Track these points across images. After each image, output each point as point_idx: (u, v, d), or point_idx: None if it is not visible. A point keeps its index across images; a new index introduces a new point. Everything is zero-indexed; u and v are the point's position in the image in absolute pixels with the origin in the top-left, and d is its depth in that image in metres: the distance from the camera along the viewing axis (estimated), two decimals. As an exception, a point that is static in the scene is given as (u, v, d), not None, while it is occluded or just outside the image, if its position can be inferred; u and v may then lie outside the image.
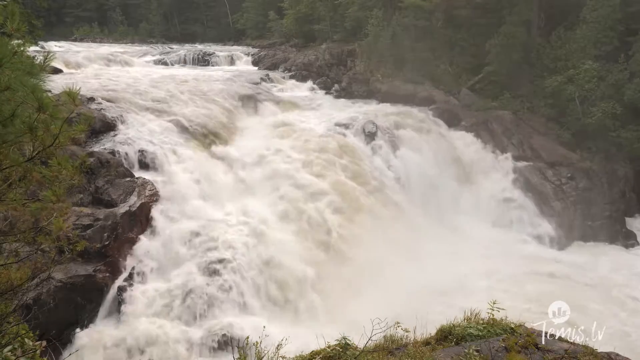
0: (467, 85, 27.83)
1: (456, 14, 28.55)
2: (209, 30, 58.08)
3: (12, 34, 3.58)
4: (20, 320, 4.69)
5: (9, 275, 4.47)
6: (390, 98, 27.60)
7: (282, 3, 43.15)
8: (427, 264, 16.31)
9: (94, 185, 14.11)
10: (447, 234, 18.66)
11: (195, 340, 11.97)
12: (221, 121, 20.35)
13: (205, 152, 17.67)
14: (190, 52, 38.44)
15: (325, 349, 6.06)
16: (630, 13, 24.54)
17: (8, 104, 3.35)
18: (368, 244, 16.68)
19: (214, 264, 13.52)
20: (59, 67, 26.81)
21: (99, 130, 16.47)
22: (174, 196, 15.17)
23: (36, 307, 8.75)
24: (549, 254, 19.75)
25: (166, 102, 20.32)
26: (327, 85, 31.22)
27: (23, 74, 3.50)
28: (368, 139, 21.82)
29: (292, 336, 6.77)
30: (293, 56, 35.46)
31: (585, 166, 22.81)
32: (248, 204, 16.15)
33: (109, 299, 12.42)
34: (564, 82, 23.62)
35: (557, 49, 25.78)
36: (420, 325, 6.75)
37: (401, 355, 6.05)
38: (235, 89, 24.36)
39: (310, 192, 17.42)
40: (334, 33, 36.05)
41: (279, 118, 22.90)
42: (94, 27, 59.98)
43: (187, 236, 14.09)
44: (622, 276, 18.13)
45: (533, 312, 11.67)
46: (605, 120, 22.53)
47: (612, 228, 21.60)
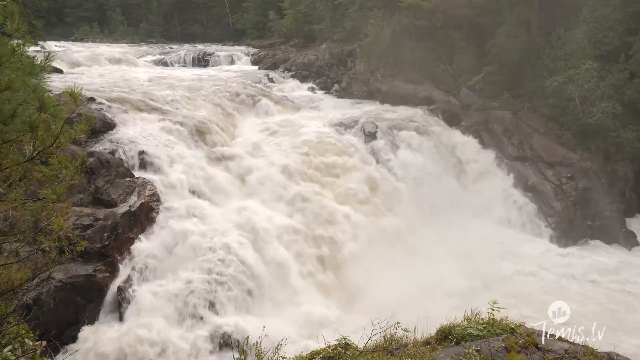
0: (467, 85, 27.81)
1: (456, 14, 28.51)
2: (209, 30, 58.06)
3: (12, 34, 3.58)
4: (20, 320, 4.69)
5: (9, 275, 4.47)
6: (390, 98, 27.60)
7: (282, 3, 43.13)
8: (427, 264, 16.32)
9: (94, 185, 14.10)
10: (446, 233, 18.63)
11: (195, 340, 11.96)
12: (221, 121, 20.35)
13: (205, 152, 17.66)
14: (190, 52, 38.45)
15: (326, 349, 6.06)
16: (630, 13, 24.52)
17: (9, 103, 3.35)
18: (367, 243, 16.70)
19: (214, 264, 13.51)
20: (59, 67, 26.80)
21: (99, 130, 16.46)
22: (173, 196, 15.17)
23: (36, 307, 8.76)
24: (549, 253, 19.73)
25: (166, 102, 20.33)
26: (327, 85, 31.22)
27: (24, 74, 3.51)
28: (368, 139, 21.82)
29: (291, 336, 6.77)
30: (293, 56, 35.46)
31: (585, 166, 22.80)
32: (248, 204, 16.14)
33: (109, 299, 12.41)
34: (564, 82, 23.60)
35: (557, 49, 25.76)
36: (420, 325, 6.76)
37: (401, 355, 6.05)
38: (235, 89, 24.36)
39: (310, 192, 17.44)
40: (334, 33, 36.03)
41: (279, 118, 22.91)
42: (94, 27, 59.98)
43: (187, 236, 14.08)
44: (622, 276, 18.12)
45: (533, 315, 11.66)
46: (605, 120, 22.52)
47: (612, 228, 21.58)
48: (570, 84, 23.34)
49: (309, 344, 9.03)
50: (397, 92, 28.00)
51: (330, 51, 33.57)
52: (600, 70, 23.30)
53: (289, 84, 30.72)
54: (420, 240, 17.80)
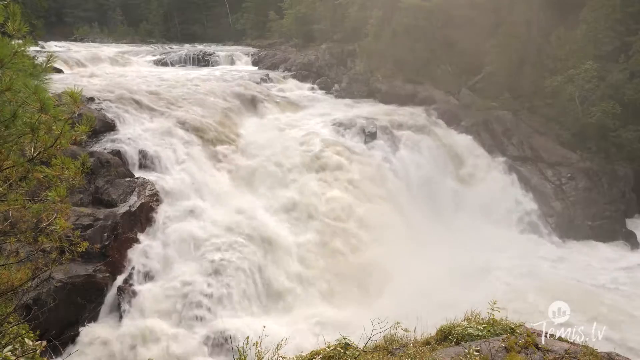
0: (467, 85, 27.82)
1: (456, 14, 28.52)
2: (209, 30, 58.05)
3: (13, 35, 3.58)
4: (20, 320, 4.70)
5: (9, 275, 4.48)
6: (390, 98, 27.61)
7: (282, 3, 43.14)
8: (427, 264, 16.29)
9: (94, 186, 14.12)
10: (446, 233, 18.63)
11: (195, 340, 11.97)
12: (221, 121, 20.34)
13: (205, 152, 17.66)
14: (190, 52, 38.46)
15: (326, 349, 6.06)
16: (630, 13, 24.54)
17: (9, 104, 3.35)
18: (367, 243, 16.69)
19: (214, 264, 13.52)
20: (60, 67, 26.80)
21: (99, 130, 16.47)
22: (174, 196, 15.17)
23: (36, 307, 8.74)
24: (549, 253, 19.73)
25: (166, 102, 20.32)
26: (327, 85, 31.23)
27: (25, 75, 3.51)
28: (368, 139, 21.82)
29: (291, 337, 6.78)
30: (293, 56, 35.47)
31: (585, 166, 22.80)
32: (248, 204, 16.15)
33: (109, 299, 12.42)
34: (564, 82, 23.61)
35: (557, 49, 25.76)
36: (420, 325, 6.76)
37: (401, 355, 6.05)
38: (235, 89, 24.36)
39: (309, 193, 17.43)
40: (334, 33, 36.04)
41: (279, 118, 22.92)
42: (94, 27, 59.97)
43: (187, 236, 14.08)
44: (621, 276, 18.12)
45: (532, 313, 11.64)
46: (605, 120, 22.54)
47: (612, 228, 21.59)
48: (570, 84, 23.35)
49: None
50: (397, 92, 28.01)
51: (330, 51, 33.58)
52: (600, 70, 23.32)
53: (289, 84, 30.73)
54: (419, 239, 17.77)
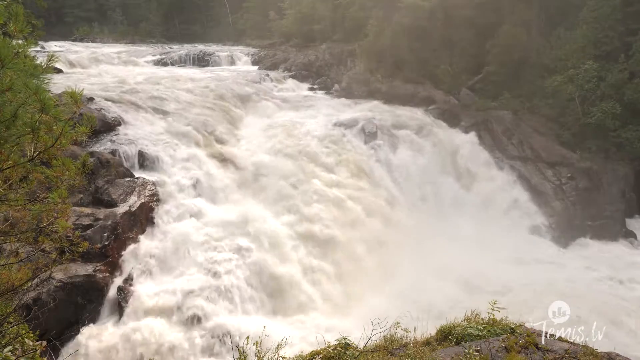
0: (467, 85, 27.82)
1: (456, 14, 28.52)
2: (209, 30, 58.02)
3: (15, 35, 3.59)
4: (21, 320, 4.70)
5: (9, 275, 4.48)
6: (390, 98, 27.58)
7: (282, 3, 43.12)
8: (427, 264, 16.31)
9: (94, 185, 14.12)
10: (446, 233, 18.63)
11: (195, 340, 11.96)
12: (221, 121, 20.34)
13: (205, 152, 17.66)
14: (191, 52, 38.43)
15: (326, 349, 6.07)
16: (630, 13, 24.53)
17: (10, 105, 3.36)
18: (367, 243, 16.70)
19: (214, 264, 13.52)
20: (60, 67, 26.79)
21: (99, 130, 16.46)
22: (174, 196, 15.18)
23: (36, 307, 8.75)
24: (549, 253, 19.75)
25: (166, 102, 20.32)
26: (327, 85, 31.22)
27: (26, 76, 3.51)
28: (368, 139, 21.82)
29: (291, 336, 6.78)
30: (293, 56, 35.45)
31: (585, 166, 22.81)
32: (248, 205, 16.16)
33: (109, 299, 12.41)
34: (564, 82, 23.62)
35: (557, 49, 25.78)
36: (420, 326, 6.77)
37: (401, 355, 6.06)
38: (235, 89, 24.37)
39: (309, 193, 17.45)
40: (334, 33, 36.03)
41: (279, 118, 22.91)
42: (94, 27, 59.92)
43: (187, 236, 14.08)
44: (621, 276, 18.13)
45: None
46: (605, 120, 22.55)
47: (612, 228, 21.61)
48: (570, 84, 23.36)
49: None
50: (397, 92, 28.00)
51: (330, 51, 33.57)
52: (600, 70, 23.33)
53: (288, 83, 30.72)
54: (419, 239, 17.78)
